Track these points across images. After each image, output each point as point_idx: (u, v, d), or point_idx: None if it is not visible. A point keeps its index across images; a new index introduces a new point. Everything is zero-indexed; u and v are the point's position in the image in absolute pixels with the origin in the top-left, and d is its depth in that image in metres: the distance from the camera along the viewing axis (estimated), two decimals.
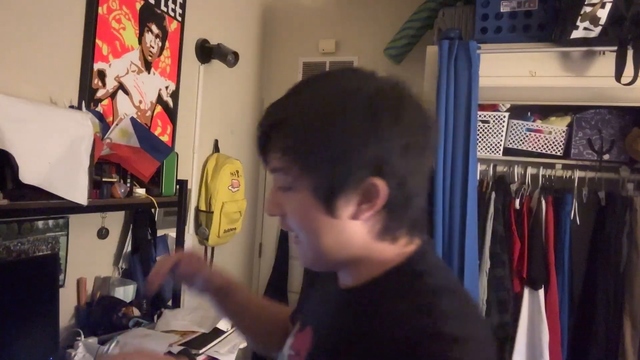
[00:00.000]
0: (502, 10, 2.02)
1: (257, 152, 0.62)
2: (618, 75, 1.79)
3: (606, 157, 2.16)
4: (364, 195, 0.56)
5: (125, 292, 1.84)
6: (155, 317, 1.81)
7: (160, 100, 2.09)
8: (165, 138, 2.13)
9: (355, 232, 0.58)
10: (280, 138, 0.57)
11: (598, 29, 1.82)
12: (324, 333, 0.62)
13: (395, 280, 0.58)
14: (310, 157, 0.56)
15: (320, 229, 0.58)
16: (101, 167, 1.58)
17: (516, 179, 2.23)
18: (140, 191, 1.76)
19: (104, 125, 1.64)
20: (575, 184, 2.12)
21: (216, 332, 1.74)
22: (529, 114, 2.32)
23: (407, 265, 0.59)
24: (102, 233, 1.82)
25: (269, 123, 0.59)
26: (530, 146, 2.27)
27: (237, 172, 2.58)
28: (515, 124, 2.28)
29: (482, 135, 2.29)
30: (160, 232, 2.09)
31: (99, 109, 1.73)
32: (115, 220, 1.91)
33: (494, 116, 2.28)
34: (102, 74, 1.75)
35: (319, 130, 0.55)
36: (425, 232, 0.64)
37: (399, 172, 0.56)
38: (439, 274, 0.60)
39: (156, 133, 2.05)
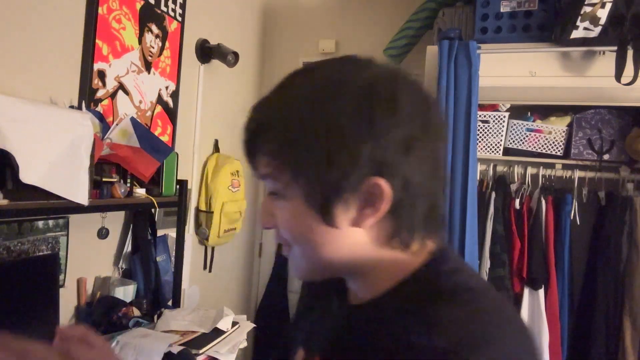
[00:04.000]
0: (502, 11, 2.02)
1: (245, 157, 0.57)
2: (618, 75, 1.79)
3: (606, 157, 2.16)
4: (366, 199, 0.49)
5: (125, 292, 1.84)
6: (155, 317, 1.81)
7: (160, 100, 2.09)
8: (165, 138, 2.13)
9: (359, 241, 0.52)
10: (266, 141, 0.52)
11: (598, 29, 1.82)
12: (336, 357, 0.56)
13: (407, 292, 0.52)
14: (298, 161, 0.50)
15: (316, 241, 0.52)
16: (101, 167, 1.58)
17: (516, 179, 2.23)
18: (140, 191, 1.76)
19: (104, 125, 1.64)
20: (575, 184, 2.12)
21: (216, 332, 1.73)
22: (529, 114, 2.32)
23: (422, 274, 0.52)
24: (102, 233, 1.82)
25: (254, 125, 0.54)
26: (530, 146, 2.27)
27: (237, 172, 2.58)
28: (515, 124, 2.28)
29: (482, 135, 2.29)
30: (160, 232, 2.09)
31: (99, 109, 1.73)
32: (115, 220, 1.91)
33: (494, 116, 2.28)
34: (102, 74, 1.75)
35: (305, 130, 0.49)
36: (443, 232, 0.57)
37: (402, 169, 0.49)
38: (457, 278, 0.52)
39: (156, 133, 2.05)
